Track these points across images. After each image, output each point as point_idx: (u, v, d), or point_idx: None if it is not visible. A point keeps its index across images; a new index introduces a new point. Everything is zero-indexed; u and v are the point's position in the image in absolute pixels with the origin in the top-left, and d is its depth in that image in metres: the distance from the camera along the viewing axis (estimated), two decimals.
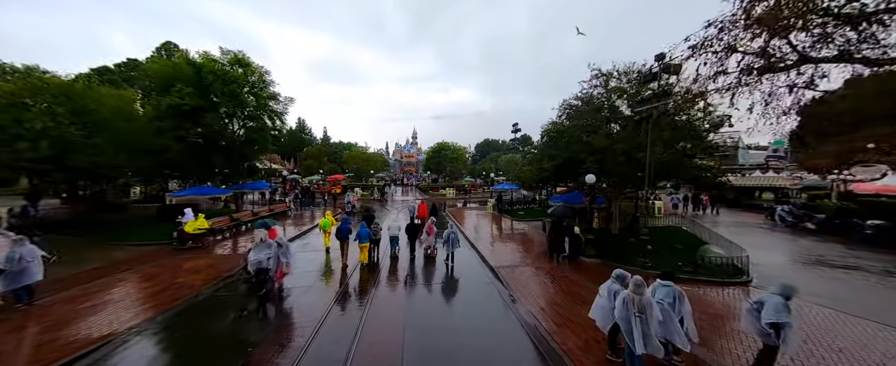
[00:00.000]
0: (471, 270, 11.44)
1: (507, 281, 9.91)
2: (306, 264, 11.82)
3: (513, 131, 36.92)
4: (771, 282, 9.70)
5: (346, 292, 9.48)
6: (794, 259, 12.74)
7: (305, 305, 8.57)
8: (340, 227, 11.79)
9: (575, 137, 13.51)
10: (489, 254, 12.99)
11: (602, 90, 14.58)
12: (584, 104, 14.92)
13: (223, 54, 18.24)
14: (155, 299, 8.48)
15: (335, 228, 11.95)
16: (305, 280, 10.24)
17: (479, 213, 26.03)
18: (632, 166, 12.17)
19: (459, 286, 9.93)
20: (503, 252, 13.36)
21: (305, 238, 16.33)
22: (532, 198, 29.86)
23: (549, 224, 13.21)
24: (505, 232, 17.84)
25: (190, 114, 16.11)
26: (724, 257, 10.38)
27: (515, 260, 12.29)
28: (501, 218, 22.98)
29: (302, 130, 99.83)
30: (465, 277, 10.80)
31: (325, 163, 60.21)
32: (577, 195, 13.80)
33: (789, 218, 18.22)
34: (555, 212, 13.09)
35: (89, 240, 14.22)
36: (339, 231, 11.72)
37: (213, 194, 16.65)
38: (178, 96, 15.51)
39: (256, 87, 19.55)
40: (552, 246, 12.43)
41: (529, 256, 12.86)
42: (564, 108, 16.17)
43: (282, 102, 22.01)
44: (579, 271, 10.88)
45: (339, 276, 11.02)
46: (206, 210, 22.28)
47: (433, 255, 12.70)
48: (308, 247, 14.49)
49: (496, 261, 12.01)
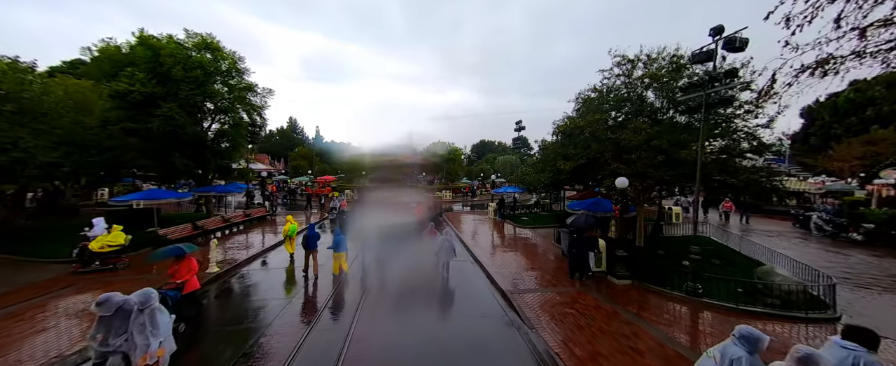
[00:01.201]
0: (479, 297, 9.21)
1: (526, 314, 7.69)
2: (268, 290, 9.56)
3: (516, 130, 34.74)
4: (861, 316, 7.66)
5: (316, 320, 7.43)
6: (869, 281, 10.39)
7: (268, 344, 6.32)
8: (308, 233, 10.38)
9: (597, 133, 11.38)
10: (497, 272, 10.78)
11: (625, 79, 12.49)
12: (604, 96, 12.81)
13: (188, 37, 15.81)
14: None
15: (302, 236, 10.55)
16: (267, 311, 7.94)
17: (478, 218, 23.82)
18: (672, 167, 10.06)
19: (468, 323, 7.66)
20: (513, 269, 11.16)
21: (270, 254, 13.87)
22: (536, 202, 27.77)
23: (569, 237, 11.06)
24: (510, 242, 15.64)
25: (144, 103, 13.66)
26: (795, 283, 8.28)
27: (531, 281, 10.08)
28: (504, 225, 20.83)
29: (293, 129, 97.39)
30: (472, 306, 8.57)
31: (317, 163, 57.65)
32: (601, 201, 11.66)
33: (828, 227, 16.31)
34: (576, 222, 10.93)
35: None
36: (307, 239, 10.31)
37: (165, 199, 14.15)
38: (128, 82, 13.06)
39: (228, 75, 17.15)
40: (574, 264, 10.27)
41: (546, 274, 10.67)
42: (582, 101, 14.04)
43: (260, 95, 19.65)
44: (613, 297, 8.71)
45: (308, 294, 8.79)
46: (171, 215, 19.86)
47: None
48: (270, 266, 12.05)
49: (509, 283, 9.80)
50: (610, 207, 11.16)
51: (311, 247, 10.32)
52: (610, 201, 11.77)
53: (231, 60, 16.92)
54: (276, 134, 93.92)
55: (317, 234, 10.50)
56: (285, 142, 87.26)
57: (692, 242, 11.26)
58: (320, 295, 9.27)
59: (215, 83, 16.33)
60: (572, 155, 12.33)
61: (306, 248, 10.40)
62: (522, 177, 22.39)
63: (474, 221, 22.56)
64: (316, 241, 10.39)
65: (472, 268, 11.84)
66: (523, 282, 10.01)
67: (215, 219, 17.07)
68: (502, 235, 17.29)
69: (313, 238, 10.35)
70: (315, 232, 10.51)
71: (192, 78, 14.62)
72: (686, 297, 8.49)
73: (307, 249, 10.39)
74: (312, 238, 10.34)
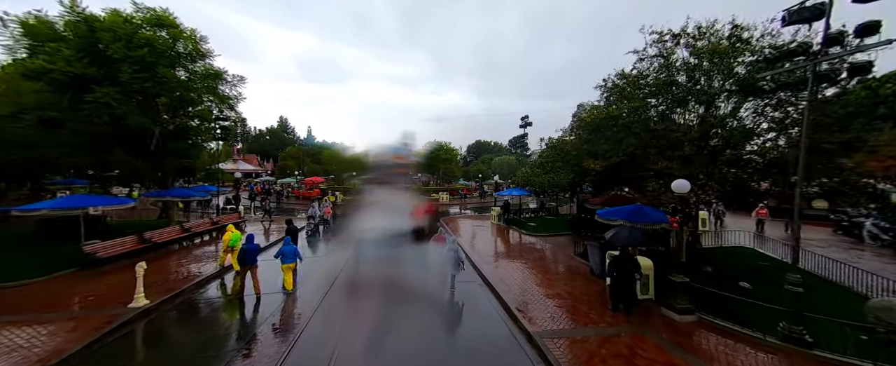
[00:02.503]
0: (498, 341, 6.74)
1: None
2: (214, 326, 7.02)
3: (522, 126, 32.15)
4: None
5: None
6: None
7: None
8: (246, 246, 8.85)
9: (634, 126, 9.06)
10: (515, 298, 8.34)
11: (663, 60, 10.17)
12: (637, 81, 10.48)
13: (137, 10, 13.14)
14: None
15: (239, 249, 8.97)
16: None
17: (480, 224, 21.37)
18: (741, 166, 7.74)
19: None
20: (535, 295, 8.73)
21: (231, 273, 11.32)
22: (541, 205, 25.46)
23: (600, 252, 8.69)
24: (520, 254, 13.19)
25: (72, 87, 10.99)
26: None
27: (562, 315, 7.65)
28: (509, 231, 18.43)
29: (284, 129, 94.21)
30: (490, 360, 6.11)
31: (307, 164, 54.70)
32: (643, 209, 9.28)
33: (887, 235, 14.18)
34: (617, 237, 8.56)
35: None
36: (245, 253, 8.72)
37: (87, 207, 11.34)
38: (46, 60, 10.39)
39: (189, 59, 14.49)
40: (617, 291, 7.90)
41: (578, 304, 8.25)
42: (608, 89, 11.70)
43: (230, 83, 17.00)
44: (681, 342, 6.33)
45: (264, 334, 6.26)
46: (127, 222, 17.07)
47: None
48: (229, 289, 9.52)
49: (535, 318, 7.36)
50: (657, 216, 8.77)
51: (249, 262, 8.77)
52: (656, 209, 9.41)
53: (192, 41, 14.27)
54: (266, 134, 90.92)
55: (256, 247, 9.04)
56: (276, 142, 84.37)
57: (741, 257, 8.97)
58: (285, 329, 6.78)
59: (171, 67, 13.65)
60: (603, 152, 9.96)
61: (243, 264, 8.73)
62: (528, 178, 20.09)
63: (475, 226, 20.10)
64: (255, 255, 8.94)
65: (481, 293, 9.37)
66: (552, 316, 7.57)
67: (172, 229, 14.35)
68: (510, 246, 14.85)
69: (252, 252, 8.82)
70: (255, 245, 8.98)
71: (137, 58, 11.96)
72: (786, 346, 6.13)
73: (244, 266, 8.76)
74: (251, 252, 8.80)
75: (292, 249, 9.11)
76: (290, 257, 8.99)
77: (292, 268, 9.08)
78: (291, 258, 9.00)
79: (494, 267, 11.31)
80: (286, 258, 8.94)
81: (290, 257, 8.99)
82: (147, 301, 7.97)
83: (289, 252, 9.01)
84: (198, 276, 10.11)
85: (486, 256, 12.75)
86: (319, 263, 12.16)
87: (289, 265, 8.97)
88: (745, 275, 9.67)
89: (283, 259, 8.94)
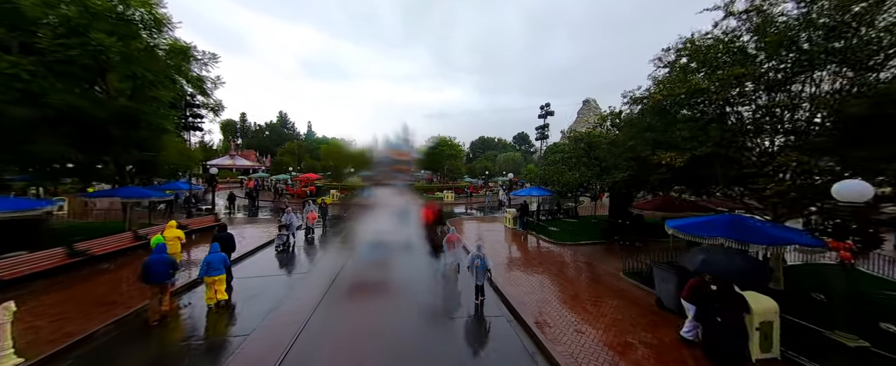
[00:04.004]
0: None
1: None
2: None
3: (542, 115, 29.06)
4: None
5: None
6: None
7: None
8: (150, 258, 6.94)
9: (734, 102, 6.27)
10: (570, 354, 5.65)
11: (757, 15, 7.32)
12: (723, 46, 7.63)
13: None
14: None
15: (146, 262, 6.94)
16: None
17: (490, 228, 18.68)
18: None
19: None
20: (592, 344, 6.02)
21: (191, 294, 8.66)
22: (557, 206, 22.72)
23: (695, 290, 5.98)
24: (549, 269, 10.46)
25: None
26: None
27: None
28: (526, 237, 15.76)
29: (284, 124, 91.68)
30: None
31: (306, 159, 52.02)
32: (745, 221, 6.41)
33: None
34: (712, 264, 5.88)
35: None
36: (146, 267, 6.79)
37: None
38: None
39: (143, 27, 11.77)
40: (715, 347, 5.29)
41: (663, 363, 5.53)
42: (667, 64, 8.85)
43: (200, 61, 14.32)
44: None
45: None
46: (66, 226, 14.36)
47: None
48: (163, 328, 6.90)
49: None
50: (776, 234, 5.97)
51: (154, 281, 6.81)
52: (763, 221, 6.64)
53: (146, 4, 11.54)
54: (265, 129, 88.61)
55: (164, 258, 7.01)
56: (276, 138, 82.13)
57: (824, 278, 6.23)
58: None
59: (117, 36, 10.93)
60: (685, 141, 7.16)
61: (146, 281, 6.78)
62: (550, 176, 17.32)
63: (486, 231, 17.41)
64: (164, 268, 6.92)
65: (513, 336, 6.66)
66: None
67: (122, 237, 11.70)
68: (535, 258, 12.13)
69: (156, 264, 6.83)
70: (163, 256, 7.03)
71: (62, 19, 9.26)
72: None
73: (149, 283, 6.80)
74: (154, 265, 6.82)
75: (220, 258, 7.52)
76: (216, 268, 7.36)
77: (219, 281, 7.45)
78: (219, 269, 7.39)
79: (525, 293, 8.60)
80: (211, 269, 7.31)
81: (216, 268, 7.36)
82: (19, 360, 5.34)
83: (215, 261, 7.39)
84: (127, 305, 7.44)
85: (508, 274, 10.04)
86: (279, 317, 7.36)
87: (215, 278, 7.34)
88: (877, 310, 6.92)
89: (207, 270, 7.31)
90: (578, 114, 68.81)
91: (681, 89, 6.85)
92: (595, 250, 13.10)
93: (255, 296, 8.37)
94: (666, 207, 10.72)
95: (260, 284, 9.28)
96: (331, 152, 41.12)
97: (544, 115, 29.29)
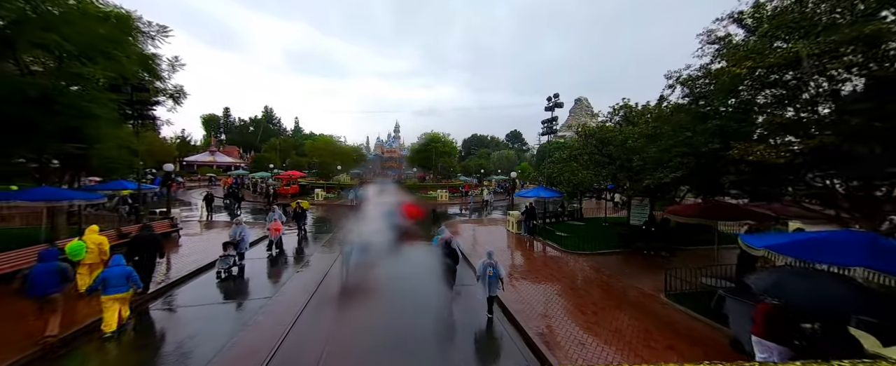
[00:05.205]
0: None
1: None
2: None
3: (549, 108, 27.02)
4: None
5: None
6: None
7: None
8: (36, 268, 5.51)
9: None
10: None
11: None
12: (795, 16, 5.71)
13: None
14: None
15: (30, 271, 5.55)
16: None
17: (490, 231, 16.70)
18: None
19: None
20: None
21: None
22: (561, 207, 20.91)
23: (750, 312, 4.05)
24: (576, 289, 8.49)
25: None
26: None
27: None
28: (532, 243, 13.88)
29: (269, 119, 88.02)
30: None
31: (292, 157, 49.21)
32: (854, 239, 4.55)
33: None
34: (820, 298, 3.99)
35: None
36: (30, 279, 5.38)
37: None
38: None
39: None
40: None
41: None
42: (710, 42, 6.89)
43: (146, 34, 11.93)
44: None
45: None
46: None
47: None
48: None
49: None
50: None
51: (38, 294, 5.44)
52: (868, 235, 4.75)
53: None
54: (250, 125, 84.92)
55: (54, 266, 5.62)
56: (261, 134, 78.73)
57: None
58: None
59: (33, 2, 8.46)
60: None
61: (29, 293, 5.43)
62: (558, 175, 15.41)
63: (486, 236, 15.40)
64: (51, 278, 5.53)
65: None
66: None
67: (35, 249, 9.30)
68: (549, 272, 10.13)
69: (42, 274, 5.48)
70: (53, 264, 5.66)
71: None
72: None
73: (30, 297, 5.47)
74: (40, 275, 5.47)
75: (121, 272, 5.97)
76: (116, 285, 5.83)
77: (121, 299, 5.97)
78: (119, 286, 5.86)
79: (539, 316, 6.58)
80: (108, 287, 5.82)
81: (116, 285, 5.83)
82: None
83: (113, 277, 5.86)
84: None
85: (523, 296, 7.99)
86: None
87: (114, 296, 5.83)
88: None
89: (104, 288, 5.81)
90: (570, 112, 67.43)
91: (774, 58, 4.90)
92: (616, 262, 11.21)
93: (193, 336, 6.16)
94: (710, 213, 8.83)
95: (196, 315, 7.05)
96: (317, 148, 38.58)
97: (552, 106, 27.31)
